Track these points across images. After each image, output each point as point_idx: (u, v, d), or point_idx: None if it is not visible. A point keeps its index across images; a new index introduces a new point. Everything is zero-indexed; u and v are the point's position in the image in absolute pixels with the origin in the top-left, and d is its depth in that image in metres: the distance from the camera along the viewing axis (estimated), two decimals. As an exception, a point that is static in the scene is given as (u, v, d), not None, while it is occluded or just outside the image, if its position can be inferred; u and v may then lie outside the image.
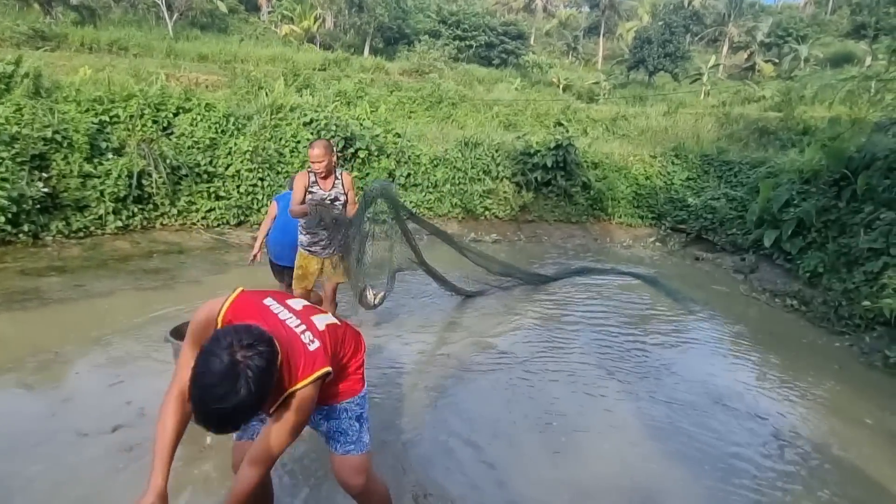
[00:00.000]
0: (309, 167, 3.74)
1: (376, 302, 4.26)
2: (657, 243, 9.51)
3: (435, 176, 9.20)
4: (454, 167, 9.34)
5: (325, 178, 3.76)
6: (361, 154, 8.38)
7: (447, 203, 9.21)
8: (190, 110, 7.39)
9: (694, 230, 9.35)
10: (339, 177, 3.80)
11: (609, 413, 3.49)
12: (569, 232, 9.66)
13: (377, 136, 8.67)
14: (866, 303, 5.14)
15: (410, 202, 8.95)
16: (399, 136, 9.15)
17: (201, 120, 7.38)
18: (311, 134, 7.99)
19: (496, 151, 9.73)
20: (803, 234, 7.14)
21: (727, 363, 4.54)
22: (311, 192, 3.76)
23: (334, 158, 3.78)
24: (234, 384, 1.27)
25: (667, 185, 10.59)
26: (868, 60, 28.26)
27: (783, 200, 7.63)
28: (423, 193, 9.12)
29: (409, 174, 9.02)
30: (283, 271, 4.26)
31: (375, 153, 8.57)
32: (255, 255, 4.35)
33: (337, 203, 3.76)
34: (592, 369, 4.12)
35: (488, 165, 9.57)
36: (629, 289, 6.49)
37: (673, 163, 10.96)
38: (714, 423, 3.45)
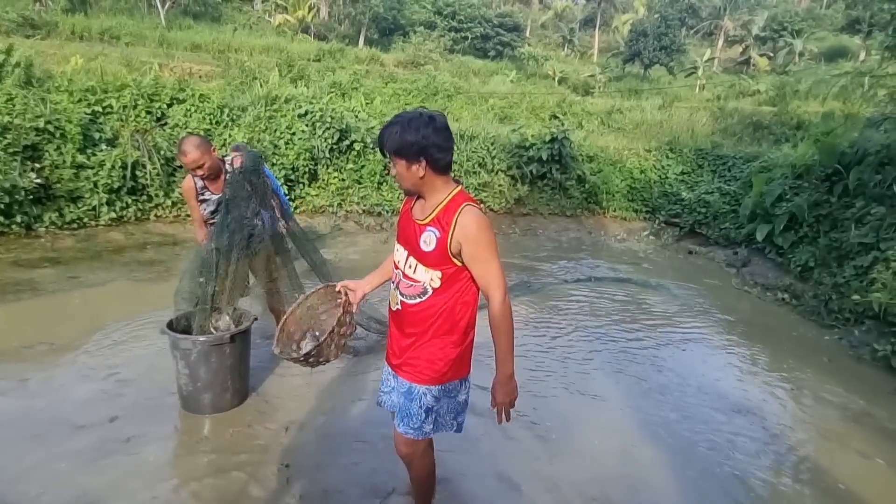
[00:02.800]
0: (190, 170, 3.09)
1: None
2: (651, 237, 9.56)
3: (430, 168, 9.18)
4: (450, 160, 9.32)
5: (214, 179, 3.14)
6: (357, 147, 8.35)
7: (442, 196, 9.20)
8: (184, 101, 7.34)
9: (687, 224, 9.41)
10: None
11: (597, 406, 3.54)
12: (563, 225, 9.69)
13: (372, 128, 8.65)
14: (856, 297, 5.20)
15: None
16: (394, 128, 9.12)
17: (195, 111, 7.33)
18: (307, 126, 7.95)
19: (491, 144, 9.72)
20: (795, 228, 7.20)
21: (718, 356, 4.60)
22: (203, 201, 3.17)
23: (216, 153, 3.11)
24: (409, 116, 1.74)
25: (661, 178, 10.63)
26: (862, 55, 28.41)
27: (776, 195, 7.68)
28: (419, 186, 9.10)
29: (404, 167, 9.00)
30: None
31: (371, 146, 8.56)
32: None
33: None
34: (582, 362, 4.17)
35: (483, 158, 9.56)
36: (620, 284, 6.55)
37: (667, 157, 10.99)
38: (703, 415, 3.51)
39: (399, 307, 1.92)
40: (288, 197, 7.73)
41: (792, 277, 6.71)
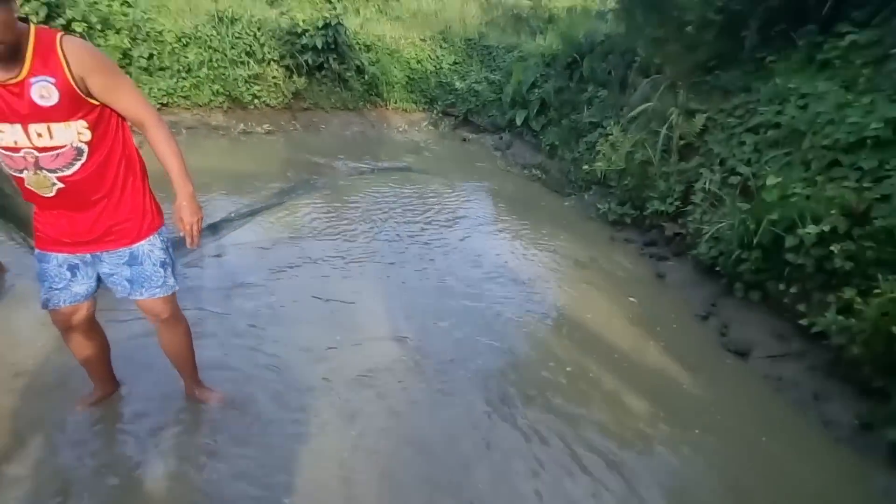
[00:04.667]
0: None
1: None
2: (430, 127, 10.02)
3: (186, 58, 7.92)
4: (209, 47, 8.14)
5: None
6: (77, 27, 6.66)
7: (207, 90, 8.12)
8: None
9: (461, 113, 10.05)
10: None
11: (379, 286, 3.81)
12: (347, 119, 9.49)
13: (96, 2, 6.95)
14: (585, 167, 6.33)
15: (160, 89, 7.66)
16: (129, 5, 7.48)
17: None
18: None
19: (258, 30, 8.70)
20: (545, 112, 8.25)
21: (486, 228, 5.26)
22: None
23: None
24: None
25: (436, 69, 10.95)
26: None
27: (530, 82, 8.60)
28: (175, 79, 7.84)
29: (150, 55, 7.59)
30: None
31: (98, 27, 6.92)
32: None
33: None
34: (365, 247, 4.38)
35: (251, 46, 8.56)
36: (402, 173, 6.85)
37: (441, 46, 11.28)
38: (473, 277, 4.05)
39: (61, 186, 1.69)
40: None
41: (543, 156, 7.81)
